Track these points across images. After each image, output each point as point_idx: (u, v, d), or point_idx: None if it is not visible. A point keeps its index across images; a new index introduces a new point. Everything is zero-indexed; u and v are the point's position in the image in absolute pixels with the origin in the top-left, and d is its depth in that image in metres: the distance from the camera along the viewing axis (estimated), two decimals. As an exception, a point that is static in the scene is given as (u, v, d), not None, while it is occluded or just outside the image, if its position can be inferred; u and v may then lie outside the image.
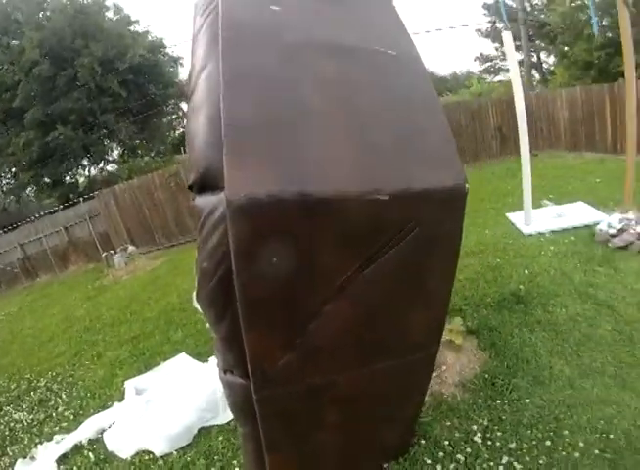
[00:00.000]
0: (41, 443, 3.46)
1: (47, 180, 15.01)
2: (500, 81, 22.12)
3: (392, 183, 1.46)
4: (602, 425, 2.39)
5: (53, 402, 4.12)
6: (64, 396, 4.19)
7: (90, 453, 3.12)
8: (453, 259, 1.73)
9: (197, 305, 1.91)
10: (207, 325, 1.99)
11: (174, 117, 19.77)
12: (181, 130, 20.98)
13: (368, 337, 1.75)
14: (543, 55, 21.55)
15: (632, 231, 4.40)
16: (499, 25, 20.21)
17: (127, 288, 7.86)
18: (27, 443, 3.55)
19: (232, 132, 1.40)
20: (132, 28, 15.87)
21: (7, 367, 5.46)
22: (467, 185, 1.53)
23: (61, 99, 13.46)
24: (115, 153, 17.03)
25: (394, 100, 1.66)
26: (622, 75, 6.51)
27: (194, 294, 1.88)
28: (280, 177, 1.36)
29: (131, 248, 9.98)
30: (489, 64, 23.22)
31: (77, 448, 3.23)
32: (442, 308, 1.88)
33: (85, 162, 15.81)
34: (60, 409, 3.94)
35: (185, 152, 16.55)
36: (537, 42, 20.66)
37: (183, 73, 18.06)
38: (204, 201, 1.61)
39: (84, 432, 3.36)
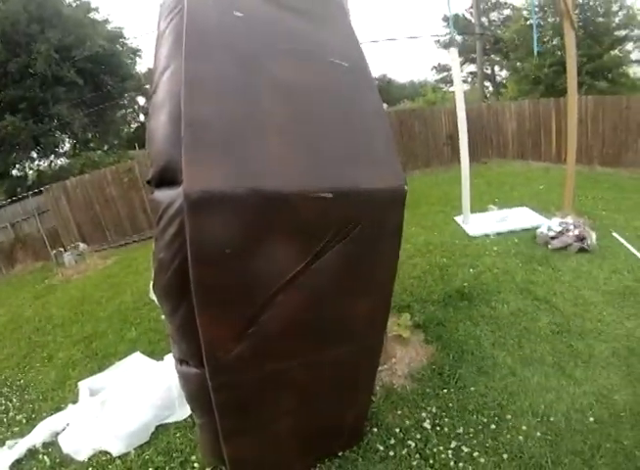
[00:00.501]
0: (-7, 449, 3.28)
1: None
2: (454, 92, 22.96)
3: (337, 183, 1.59)
4: (543, 409, 2.61)
5: (3, 407, 3.89)
6: (14, 399, 3.97)
7: (45, 457, 3.00)
8: (395, 254, 1.87)
9: (153, 297, 1.97)
10: (163, 316, 2.03)
11: (129, 110, 19.08)
12: (136, 125, 20.32)
13: (318, 326, 1.87)
14: (497, 68, 22.68)
15: (570, 234, 4.80)
16: (457, 38, 21.09)
17: (79, 287, 7.54)
18: (-21, 450, 3.36)
19: (191, 130, 1.48)
20: (91, 16, 15.12)
21: (-48, 373, 5.10)
22: (406, 186, 1.67)
23: (11, 86, 12.63)
24: (67, 146, 16.19)
25: (344, 107, 1.79)
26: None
27: (151, 285, 1.93)
28: (235, 174, 1.46)
29: (82, 246, 9.56)
30: (445, 74, 24.10)
31: (31, 453, 3.09)
32: (386, 300, 2.02)
33: (34, 154, 14.92)
34: (11, 414, 3.74)
35: (139, 147, 16.11)
36: (492, 56, 21.68)
37: (141, 66, 17.53)
38: (162, 195, 1.68)
39: (38, 436, 3.21)
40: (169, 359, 3.32)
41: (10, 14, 12.38)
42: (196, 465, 2.60)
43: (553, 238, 4.90)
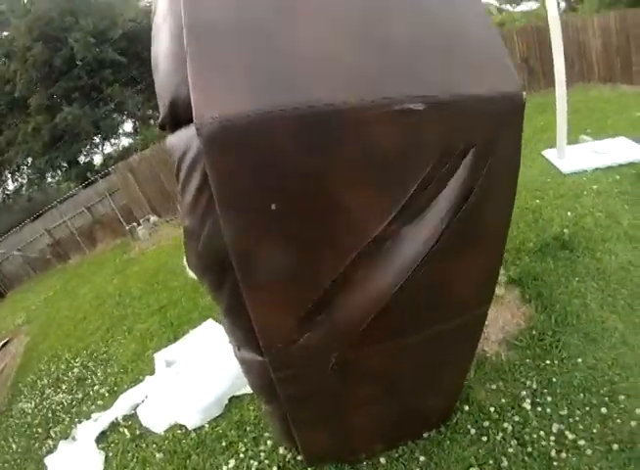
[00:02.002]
0: (80, 422, 3.53)
1: (63, 163, 15.03)
2: (522, 12, 20.32)
3: (430, 88, 1.09)
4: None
5: (90, 380, 4.17)
6: (99, 373, 4.24)
7: (125, 430, 3.13)
8: (511, 190, 1.38)
9: (191, 273, 1.62)
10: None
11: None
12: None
13: (410, 304, 1.43)
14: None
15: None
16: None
17: (153, 258, 7.84)
18: (68, 423, 3.63)
19: (195, 38, 1.07)
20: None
21: (46, 351, 5.58)
22: (525, 93, 1.18)
23: (61, 80, 13.25)
24: (129, 126, 16.79)
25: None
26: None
27: (185, 259, 1.58)
28: (266, 88, 1.05)
29: (153, 218, 9.94)
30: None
31: (113, 426, 3.25)
32: (499, 253, 1.55)
33: (97, 139, 15.68)
34: (96, 387, 3.99)
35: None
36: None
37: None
38: (177, 140, 1.26)
39: (119, 409, 3.39)
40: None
41: (42, 13, 12.86)
42: (269, 442, 2.51)
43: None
